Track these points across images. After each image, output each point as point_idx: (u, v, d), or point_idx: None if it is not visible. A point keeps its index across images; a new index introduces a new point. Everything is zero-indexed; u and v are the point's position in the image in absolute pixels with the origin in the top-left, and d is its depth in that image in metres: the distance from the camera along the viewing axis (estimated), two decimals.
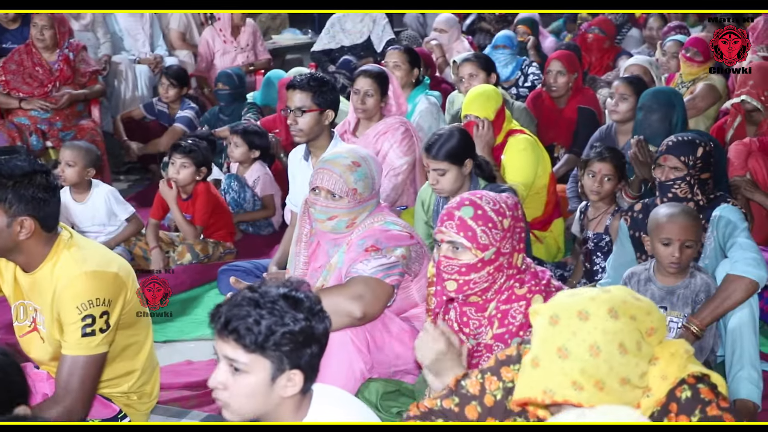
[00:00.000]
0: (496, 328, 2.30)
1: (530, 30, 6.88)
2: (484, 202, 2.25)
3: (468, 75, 4.80)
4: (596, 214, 3.80)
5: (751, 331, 2.86)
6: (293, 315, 1.63)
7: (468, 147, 3.41)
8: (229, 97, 5.63)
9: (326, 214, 2.78)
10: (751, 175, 3.97)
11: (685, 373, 1.61)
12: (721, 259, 3.02)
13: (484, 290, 2.29)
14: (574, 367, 1.50)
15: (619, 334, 1.51)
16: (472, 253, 2.22)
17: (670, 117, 3.93)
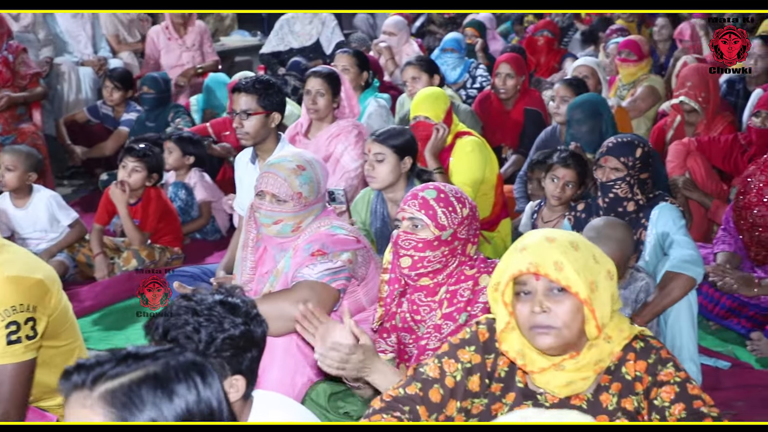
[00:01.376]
0: (445, 308, 2.37)
1: (478, 33, 6.94)
2: (447, 189, 2.38)
3: (411, 78, 4.82)
4: (552, 217, 3.84)
5: (689, 326, 2.93)
6: (232, 320, 1.63)
7: (412, 147, 3.43)
8: (154, 101, 5.46)
9: (271, 218, 2.76)
10: (690, 174, 4.07)
11: (636, 331, 1.80)
12: (661, 256, 3.09)
13: (436, 272, 2.36)
14: (557, 249, 1.70)
15: (592, 249, 1.78)
16: (430, 230, 2.31)
17: (599, 127, 4.01)
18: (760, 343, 3.20)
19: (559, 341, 1.72)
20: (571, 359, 1.75)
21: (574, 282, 1.68)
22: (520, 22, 8.46)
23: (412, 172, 3.45)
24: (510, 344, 1.81)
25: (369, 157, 3.37)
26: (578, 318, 1.71)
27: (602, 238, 2.81)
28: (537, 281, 1.72)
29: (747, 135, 4.09)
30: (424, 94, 4.13)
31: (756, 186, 3.35)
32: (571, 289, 1.69)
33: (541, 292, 1.72)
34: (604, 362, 1.77)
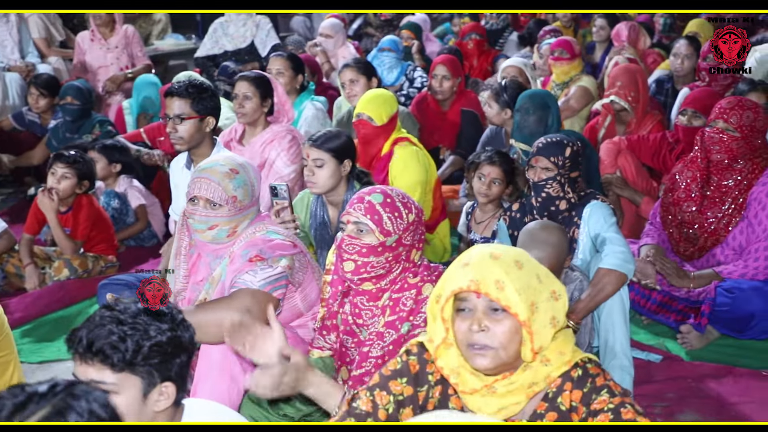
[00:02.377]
0: (387, 316, 2.36)
1: (414, 35, 6.99)
2: (394, 194, 2.36)
3: (349, 81, 4.82)
4: (484, 218, 3.88)
5: (622, 321, 2.98)
6: (158, 327, 1.60)
7: (351, 150, 3.43)
8: (77, 112, 5.27)
9: (206, 224, 2.72)
10: (621, 173, 4.16)
11: (578, 357, 1.75)
12: (594, 254, 3.15)
13: (379, 277, 2.35)
14: (500, 268, 1.67)
15: (536, 269, 1.74)
16: (375, 235, 2.30)
17: (545, 119, 4.05)
18: (689, 335, 3.29)
19: (495, 362, 1.69)
20: (504, 380, 1.72)
21: (515, 303, 1.65)
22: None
23: (351, 175, 3.44)
24: (446, 361, 1.78)
25: (308, 162, 3.35)
26: (516, 339, 1.68)
27: (537, 242, 2.85)
28: (478, 299, 1.69)
29: (675, 133, 4.19)
30: (374, 94, 4.14)
31: (683, 183, 3.43)
32: (510, 310, 1.66)
33: (481, 310, 1.69)
34: (538, 386, 1.73)
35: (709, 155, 3.30)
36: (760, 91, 4.11)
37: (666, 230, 3.52)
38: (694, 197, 3.39)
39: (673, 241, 3.49)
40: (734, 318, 3.19)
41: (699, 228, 3.37)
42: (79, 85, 5.40)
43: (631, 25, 6.37)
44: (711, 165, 3.32)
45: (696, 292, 3.28)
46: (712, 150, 3.28)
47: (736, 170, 3.28)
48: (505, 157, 3.85)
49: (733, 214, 3.27)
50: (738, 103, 3.25)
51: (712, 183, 3.33)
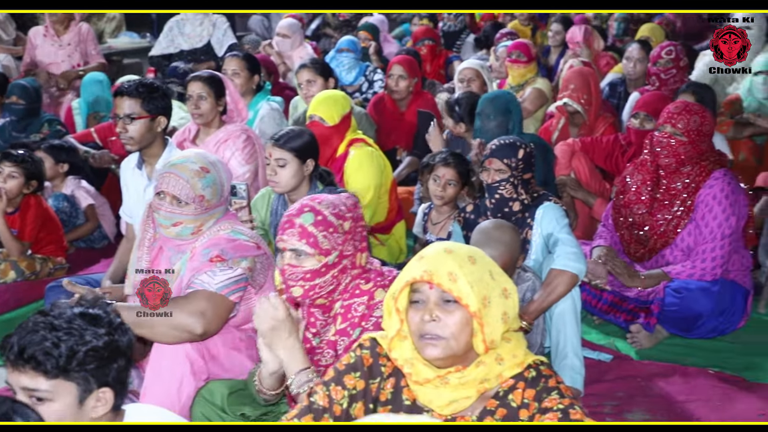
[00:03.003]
0: (339, 323, 2.33)
1: (372, 36, 6.99)
2: (324, 207, 2.27)
3: (306, 81, 4.80)
4: (439, 219, 3.89)
5: (573, 321, 3.02)
6: (94, 331, 1.57)
7: (314, 149, 3.41)
8: (23, 111, 5.13)
9: (170, 220, 2.68)
10: (575, 174, 4.21)
11: (530, 360, 1.80)
12: (547, 254, 3.18)
13: (330, 292, 2.31)
14: (453, 261, 1.72)
15: (489, 265, 1.78)
16: (315, 258, 2.23)
17: (506, 123, 4.07)
18: (639, 335, 3.33)
19: (446, 352, 1.72)
20: (457, 372, 1.75)
21: (466, 294, 1.70)
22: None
23: (314, 174, 3.42)
24: (400, 352, 1.81)
25: (270, 161, 3.33)
26: (467, 330, 1.72)
27: (490, 241, 2.87)
28: (430, 290, 1.73)
29: (627, 136, 4.26)
30: (326, 95, 4.13)
31: (634, 185, 3.48)
32: (462, 301, 1.70)
33: (434, 301, 1.73)
34: (489, 383, 1.77)
35: (657, 159, 3.35)
36: (690, 93, 4.18)
37: (618, 232, 3.57)
38: (644, 200, 3.44)
39: (625, 243, 3.54)
40: (682, 317, 3.25)
41: (649, 230, 3.42)
42: (25, 84, 5.27)
43: (585, 28, 6.45)
44: (660, 168, 3.37)
45: (646, 292, 3.33)
46: (660, 154, 3.33)
47: (684, 173, 3.33)
48: (459, 158, 3.86)
49: (681, 216, 3.33)
50: (685, 108, 3.30)
51: (662, 186, 3.38)
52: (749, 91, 4.70)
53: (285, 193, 3.38)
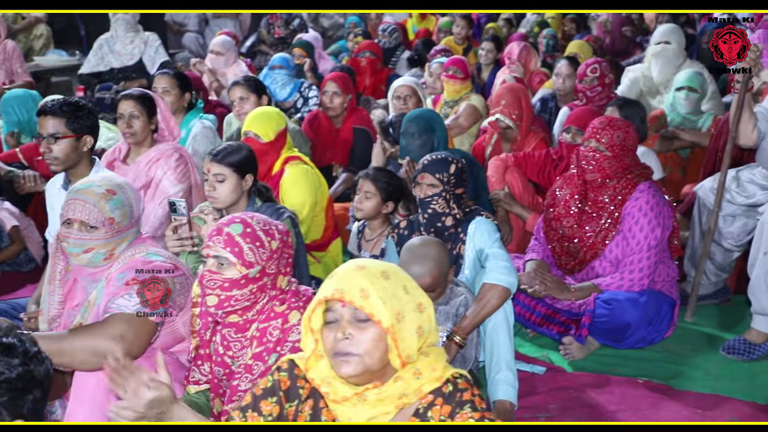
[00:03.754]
0: (255, 347, 2.31)
1: (306, 53, 6.98)
2: (255, 222, 2.29)
3: (238, 98, 4.76)
4: (373, 236, 3.88)
5: (506, 334, 3.04)
6: (7, 362, 1.51)
7: (252, 164, 3.38)
8: None
9: (81, 247, 2.61)
10: (509, 189, 4.26)
11: (449, 374, 1.80)
12: (480, 269, 3.20)
13: (245, 309, 2.30)
14: (365, 277, 1.72)
15: (403, 280, 1.78)
16: (236, 269, 2.24)
17: (431, 142, 4.10)
18: (571, 347, 3.38)
19: (360, 368, 1.72)
20: (375, 389, 1.75)
21: (378, 310, 1.70)
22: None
23: (253, 189, 3.39)
24: (317, 372, 1.81)
25: (209, 177, 3.29)
26: (381, 346, 1.72)
27: (417, 257, 2.88)
28: (343, 308, 1.73)
29: (558, 150, 4.33)
30: (260, 111, 4.10)
31: (563, 198, 3.54)
32: (374, 317, 1.70)
33: (347, 319, 1.73)
34: (408, 398, 1.77)
35: (584, 174, 3.42)
36: (615, 107, 4.29)
37: (549, 244, 3.62)
38: (572, 213, 3.49)
39: (556, 256, 3.59)
40: (612, 328, 3.31)
41: (578, 242, 3.47)
42: None
43: (523, 45, 6.57)
44: (587, 182, 3.44)
45: (577, 305, 3.38)
46: (586, 169, 3.40)
47: (610, 187, 3.40)
48: (381, 172, 3.87)
49: (609, 228, 3.39)
50: (609, 123, 3.38)
51: (589, 199, 3.45)
52: (672, 106, 4.84)
53: (224, 208, 3.34)
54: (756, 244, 3.22)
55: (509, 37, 8.04)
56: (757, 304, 3.25)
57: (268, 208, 3.32)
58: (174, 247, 3.08)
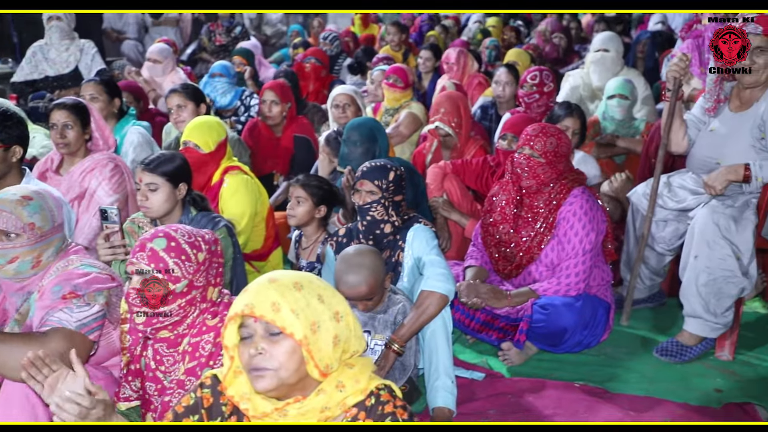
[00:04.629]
0: (187, 362, 2.27)
1: (246, 61, 6.93)
2: (179, 235, 2.25)
3: (176, 106, 4.69)
4: (308, 244, 3.86)
5: (444, 341, 3.05)
6: None
7: (186, 173, 3.32)
8: None
9: (5, 258, 2.54)
10: (447, 196, 4.28)
11: (373, 385, 1.78)
12: (418, 276, 3.20)
13: (175, 324, 2.25)
14: (276, 290, 1.69)
15: (318, 290, 1.75)
16: (162, 285, 2.19)
17: (372, 149, 4.11)
18: (509, 352, 3.40)
19: (275, 383, 1.70)
20: (296, 403, 1.73)
21: (290, 323, 1.68)
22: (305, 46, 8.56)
23: (187, 199, 3.34)
24: (236, 388, 1.79)
25: (141, 187, 3.22)
26: (295, 359, 1.70)
27: (353, 267, 2.88)
28: (255, 323, 1.71)
29: (496, 157, 4.37)
30: (200, 121, 4.04)
31: (499, 205, 3.57)
32: (286, 330, 1.68)
33: (259, 333, 1.71)
34: (332, 411, 1.75)
35: (519, 180, 3.45)
36: (575, 116, 4.35)
37: (487, 250, 3.64)
38: (509, 218, 3.52)
39: (494, 261, 3.62)
40: (549, 333, 3.34)
41: (515, 247, 3.50)
42: None
43: (459, 50, 6.63)
44: (522, 188, 3.48)
45: (515, 310, 3.41)
46: (521, 176, 3.44)
47: (545, 192, 3.44)
48: (313, 177, 3.86)
49: (544, 232, 3.43)
50: (542, 131, 3.42)
51: (525, 204, 3.48)
52: (604, 114, 4.93)
53: (157, 218, 3.28)
54: (687, 248, 3.29)
55: (451, 43, 8.12)
56: (689, 307, 3.32)
57: (204, 217, 3.27)
58: (106, 255, 3.01)
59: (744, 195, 3.27)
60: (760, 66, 3.27)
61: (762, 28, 3.23)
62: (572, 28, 9.45)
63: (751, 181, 3.21)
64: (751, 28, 3.25)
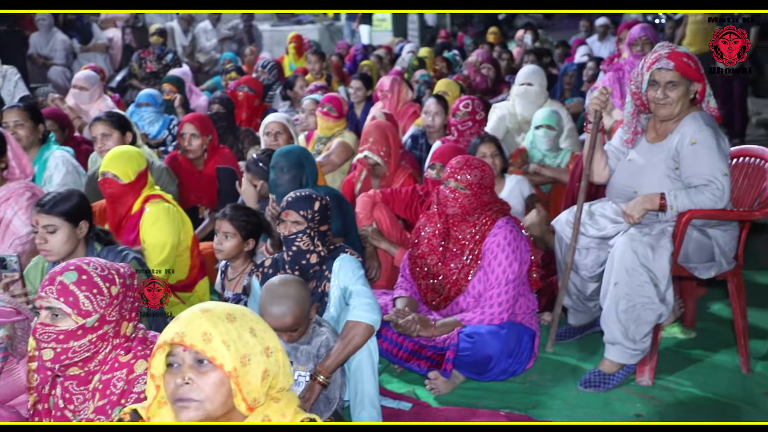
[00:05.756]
0: (97, 400, 2.19)
1: (176, 88, 6.85)
2: (91, 268, 2.18)
3: (101, 135, 4.59)
4: (234, 275, 3.81)
5: (370, 372, 3.04)
6: None
7: (85, 210, 3.23)
8: None
9: None
10: (377, 225, 4.29)
11: (299, 419, 1.77)
12: (345, 307, 3.19)
13: (86, 360, 2.18)
14: (208, 320, 1.68)
15: (251, 323, 1.74)
16: (72, 319, 2.13)
17: (300, 177, 4.10)
18: (437, 381, 3.40)
19: (200, 414, 1.67)
20: None
21: (221, 354, 1.66)
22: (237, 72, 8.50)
23: (90, 236, 3.24)
24: (160, 419, 1.75)
25: (38, 230, 3.10)
26: (223, 391, 1.68)
27: (277, 297, 2.85)
28: (184, 352, 1.69)
29: (425, 186, 4.40)
30: (119, 151, 3.96)
31: (427, 236, 3.59)
32: (216, 361, 1.66)
33: (188, 363, 1.69)
34: None
35: (445, 210, 3.49)
36: (487, 141, 4.42)
37: (415, 282, 3.65)
38: (436, 250, 3.55)
39: (422, 292, 3.63)
40: (475, 361, 3.36)
41: (443, 278, 3.52)
42: None
43: (393, 78, 6.69)
44: (448, 219, 3.51)
45: (442, 339, 3.42)
46: (447, 206, 3.47)
47: (470, 223, 3.48)
48: (240, 211, 3.81)
49: (471, 264, 3.46)
50: (466, 163, 3.47)
51: (452, 236, 3.51)
52: (532, 143, 5.03)
53: (59, 260, 3.16)
54: (607, 276, 3.35)
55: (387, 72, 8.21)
56: (609, 334, 3.37)
57: (110, 252, 3.18)
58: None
59: (660, 223, 3.36)
60: (672, 100, 3.38)
61: (674, 63, 3.35)
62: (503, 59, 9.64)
63: (667, 210, 3.30)
64: (663, 64, 3.37)
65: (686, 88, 3.39)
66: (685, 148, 3.34)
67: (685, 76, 3.37)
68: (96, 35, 9.96)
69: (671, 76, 3.36)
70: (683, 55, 3.38)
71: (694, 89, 3.42)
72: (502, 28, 15.63)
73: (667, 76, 3.37)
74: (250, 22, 12.28)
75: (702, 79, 3.42)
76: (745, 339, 3.54)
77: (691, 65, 3.37)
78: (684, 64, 3.35)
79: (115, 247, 3.23)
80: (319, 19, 15.50)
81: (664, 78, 3.37)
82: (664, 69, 3.37)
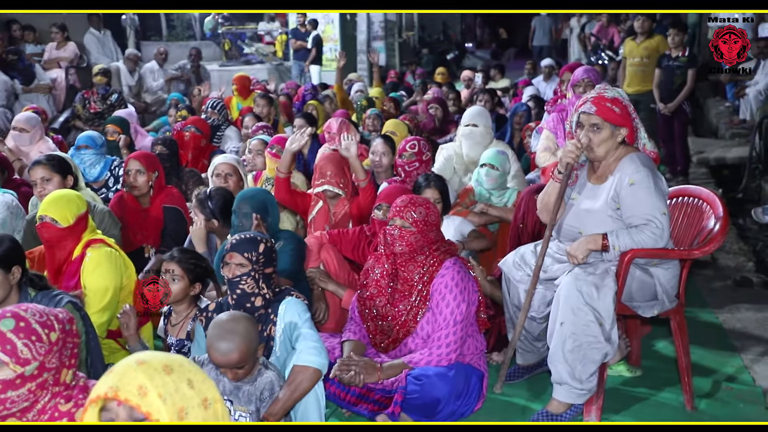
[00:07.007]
0: None
1: (121, 129, 6.74)
2: (29, 314, 2.13)
3: (40, 179, 4.49)
4: (178, 320, 3.73)
5: (316, 416, 3.02)
6: None
7: (18, 255, 3.15)
8: None
9: None
10: (324, 266, 4.25)
11: None
12: (291, 350, 3.14)
13: (24, 411, 2.11)
14: (144, 373, 1.64)
15: (189, 374, 1.70)
16: (10, 368, 2.08)
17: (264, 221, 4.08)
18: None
19: None
20: None
21: (156, 409, 1.61)
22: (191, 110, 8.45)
23: (23, 281, 3.16)
24: None
25: None
26: None
27: (225, 333, 2.81)
28: (119, 407, 1.64)
29: (372, 226, 4.39)
30: (58, 195, 3.87)
31: (375, 277, 3.58)
32: (151, 417, 1.61)
33: (123, 418, 1.63)
34: None
35: (392, 249, 3.48)
36: (433, 187, 4.46)
37: (364, 324, 3.62)
38: (384, 291, 3.53)
39: (371, 334, 3.60)
40: (423, 404, 3.32)
41: (392, 320, 3.50)
42: None
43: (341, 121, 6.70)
44: (396, 259, 3.50)
45: (390, 382, 3.39)
46: (394, 245, 3.46)
47: (418, 264, 3.47)
48: (188, 254, 3.76)
49: (419, 305, 3.45)
50: (410, 201, 3.48)
51: (400, 277, 3.50)
52: (478, 181, 5.07)
53: None
54: (553, 315, 3.37)
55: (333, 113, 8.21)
56: (556, 374, 3.38)
57: (44, 297, 3.10)
58: None
59: (604, 263, 3.40)
60: (595, 143, 3.45)
61: (596, 108, 3.43)
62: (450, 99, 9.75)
63: (609, 249, 3.34)
64: (586, 108, 3.44)
65: (611, 131, 3.45)
66: (624, 189, 3.39)
67: (607, 121, 3.43)
68: (39, 76, 9.79)
69: (594, 120, 3.44)
70: (608, 101, 3.43)
71: (620, 133, 3.47)
72: (450, 68, 15.88)
73: (591, 120, 3.45)
74: (198, 62, 12.25)
75: (629, 123, 3.46)
76: (688, 377, 3.58)
77: (615, 110, 3.42)
78: (607, 109, 3.42)
79: (49, 292, 3.15)
80: (268, 59, 15.56)
81: (587, 121, 3.46)
82: (585, 113, 3.45)
